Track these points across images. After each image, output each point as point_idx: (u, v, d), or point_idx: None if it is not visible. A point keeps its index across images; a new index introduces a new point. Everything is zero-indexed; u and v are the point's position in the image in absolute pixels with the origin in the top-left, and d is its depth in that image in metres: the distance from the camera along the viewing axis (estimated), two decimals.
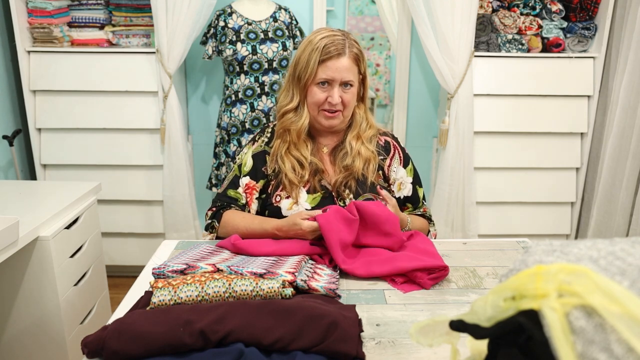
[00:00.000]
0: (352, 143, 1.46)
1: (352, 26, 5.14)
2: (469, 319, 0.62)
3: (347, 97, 1.40)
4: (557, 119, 2.63)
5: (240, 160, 1.49)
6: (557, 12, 2.56)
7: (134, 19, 2.58)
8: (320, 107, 1.40)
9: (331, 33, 1.39)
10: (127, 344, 0.85)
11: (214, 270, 1.09)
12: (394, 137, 1.57)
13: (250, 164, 1.47)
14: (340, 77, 1.37)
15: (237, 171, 1.49)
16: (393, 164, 1.50)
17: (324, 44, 1.36)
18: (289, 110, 1.43)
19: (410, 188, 1.52)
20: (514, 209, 2.76)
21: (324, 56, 1.35)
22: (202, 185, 2.91)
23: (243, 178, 1.47)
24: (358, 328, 0.92)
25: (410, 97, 2.91)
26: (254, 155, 1.48)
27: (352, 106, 1.44)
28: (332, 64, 1.36)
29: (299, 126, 1.42)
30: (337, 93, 1.38)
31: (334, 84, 1.38)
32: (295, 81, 1.42)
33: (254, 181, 1.47)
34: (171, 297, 0.98)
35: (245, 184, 1.47)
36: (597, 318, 0.48)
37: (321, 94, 1.39)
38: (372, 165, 1.45)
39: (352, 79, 1.39)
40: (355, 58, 1.39)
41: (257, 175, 1.47)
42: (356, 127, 1.47)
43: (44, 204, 1.78)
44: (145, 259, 1.36)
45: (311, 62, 1.36)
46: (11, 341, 1.73)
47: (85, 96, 2.56)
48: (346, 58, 1.37)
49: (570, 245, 0.58)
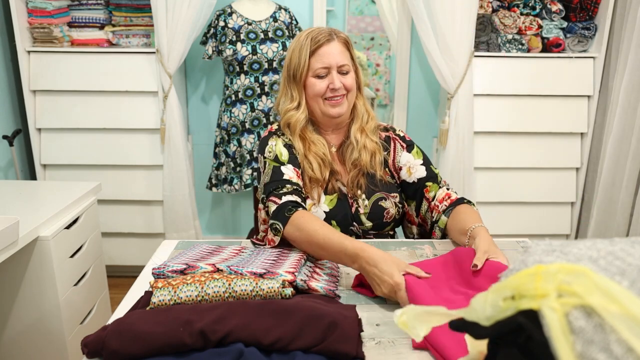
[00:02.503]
0: (357, 136, 1.44)
1: (352, 26, 5.14)
2: (468, 316, 0.62)
3: (348, 81, 1.39)
4: (557, 119, 2.63)
5: (273, 154, 1.40)
6: (557, 12, 2.56)
7: (134, 19, 2.58)
8: (324, 97, 1.39)
9: (315, 28, 1.41)
10: (127, 344, 0.85)
11: (214, 270, 1.09)
12: (392, 128, 1.54)
13: (286, 153, 1.40)
14: (335, 61, 1.36)
15: (273, 163, 1.38)
16: (397, 155, 1.49)
17: (311, 36, 1.36)
18: (290, 109, 1.42)
19: (423, 169, 1.46)
20: (514, 209, 2.76)
21: (314, 45, 1.35)
22: (202, 185, 2.91)
23: (286, 166, 1.37)
24: (358, 328, 0.92)
25: (410, 97, 2.91)
26: (285, 145, 1.42)
27: (354, 90, 1.42)
28: (324, 50, 1.36)
29: (295, 118, 1.40)
30: (338, 78, 1.37)
31: (331, 70, 1.37)
32: (291, 81, 1.41)
33: (297, 168, 1.39)
34: (171, 297, 0.98)
35: (293, 169, 1.38)
36: (597, 318, 0.48)
37: (321, 83, 1.37)
38: (377, 157, 1.44)
39: (346, 63, 1.38)
40: (344, 43, 1.39)
41: (296, 162, 1.40)
42: (359, 119, 1.46)
43: (44, 204, 1.78)
44: (145, 259, 1.36)
45: (302, 55, 1.36)
46: (11, 341, 1.73)
47: (85, 96, 2.56)
48: (336, 42, 1.37)
49: (570, 245, 0.58)
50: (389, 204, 1.44)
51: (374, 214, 1.43)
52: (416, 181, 1.46)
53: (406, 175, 1.47)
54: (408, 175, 1.47)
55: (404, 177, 1.48)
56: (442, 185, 1.46)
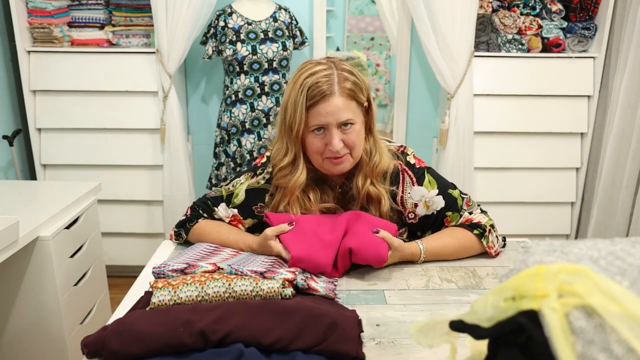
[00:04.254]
0: (358, 184, 1.27)
1: (352, 26, 5.14)
2: (469, 319, 0.62)
3: (351, 138, 1.20)
4: (557, 119, 2.63)
5: (234, 189, 1.32)
6: (557, 12, 2.56)
7: (134, 19, 2.58)
8: (324, 156, 1.22)
9: (316, 69, 1.18)
10: (127, 344, 0.85)
11: (214, 269, 1.09)
12: (402, 155, 1.34)
13: (242, 198, 1.31)
14: (334, 120, 1.17)
15: (224, 193, 1.34)
16: (406, 192, 1.31)
17: (308, 86, 1.16)
18: (285, 167, 1.25)
19: (440, 199, 1.30)
20: (514, 209, 2.76)
21: (310, 101, 1.16)
22: (202, 185, 2.92)
23: (230, 208, 1.33)
24: (358, 328, 0.92)
25: (410, 97, 2.91)
26: (248, 190, 1.31)
27: (360, 145, 1.23)
28: (322, 108, 1.16)
29: (293, 183, 1.24)
30: (337, 137, 1.18)
31: (329, 128, 1.18)
32: (287, 131, 1.22)
33: (241, 217, 1.34)
34: (171, 297, 0.98)
35: (232, 215, 1.34)
36: (597, 318, 0.48)
37: (319, 141, 1.20)
38: (383, 203, 1.27)
39: (350, 118, 1.18)
40: (348, 95, 1.18)
41: (246, 212, 1.32)
42: (362, 166, 1.27)
43: (44, 204, 1.78)
44: (145, 259, 1.36)
45: (298, 109, 1.17)
46: (11, 341, 1.73)
47: (85, 96, 2.56)
48: (337, 97, 1.16)
49: (570, 245, 0.58)
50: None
51: None
52: (435, 213, 1.32)
53: (423, 210, 1.31)
54: (426, 210, 1.31)
55: (421, 212, 1.31)
56: (464, 210, 1.32)
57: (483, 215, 1.34)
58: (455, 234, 1.30)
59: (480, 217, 1.33)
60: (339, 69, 1.20)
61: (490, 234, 1.31)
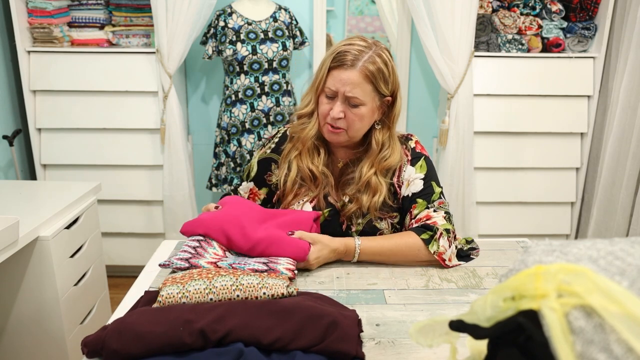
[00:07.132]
0: (363, 169, 1.31)
1: (352, 26, 5.14)
2: (468, 319, 0.62)
3: (351, 116, 1.25)
4: (557, 119, 2.63)
5: (250, 167, 1.44)
6: (557, 12, 2.56)
7: (134, 19, 2.58)
8: (325, 120, 1.28)
9: (355, 42, 1.25)
10: (127, 344, 0.85)
11: (215, 267, 1.10)
12: (407, 140, 1.39)
13: (255, 169, 1.41)
14: (343, 90, 1.22)
15: (245, 175, 1.45)
16: (402, 172, 1.35)
17: (339, 51, 1.23)
18: (303, 115, 1.33)
19: (420, 183, 1.32)
20: (514, 209, 2.76)
21: (333, 63, 1.23)
22: (202, 185, 2.92)
23: (248, 182, 1.43)
24: (358, 328, 0.92)
25: (410, 97, 2.91)
26: (259, 161, 1.41)
27: (358, 128, 1.28)
28: (338, 74, 1.23)
29: (305, 133, 1.31)
30: (339, 108, 1.24)
31: (338, 97, 1.24)
32: (313, 84, 1.31)
33: (257, 188, 1.42)
34: (179, 290, 0.98)
35: (250, 189, 1.43)
36: (597, 318, 0.48)
37: (326, 105, 1.27)
38: (377, 197, 1.30)
39: (358, 96, 1.22)
40: (367, 75, 1.22)
41: (260, 182, 1.42)
42: (372, 155, 1.32)
43: (44, 204, 1.78)
44: (145, 259, 1.36)
45: (323, 66, 1.26)
46: (11, 341, 1.73)
47: (85, 96, 2.56)
48: (355, 72, 1.21)
49: (569, 245, 0.58)
50: (384, 225, 1.35)
51: (365, 232, 1.34)
52: (410, 195, 1.32)
53: (405, 189, 1.34)
54: (405, 189, 1.34)
55: (404, 192, 1.34)
56: (432, 206, 1.30)
57: (444, 220, 1.28)
58: (399, 237, 1.27)
59: (438, 219, 1.28)
60: (375, 53, 1.24)
61: (442, 238, 1.24)
